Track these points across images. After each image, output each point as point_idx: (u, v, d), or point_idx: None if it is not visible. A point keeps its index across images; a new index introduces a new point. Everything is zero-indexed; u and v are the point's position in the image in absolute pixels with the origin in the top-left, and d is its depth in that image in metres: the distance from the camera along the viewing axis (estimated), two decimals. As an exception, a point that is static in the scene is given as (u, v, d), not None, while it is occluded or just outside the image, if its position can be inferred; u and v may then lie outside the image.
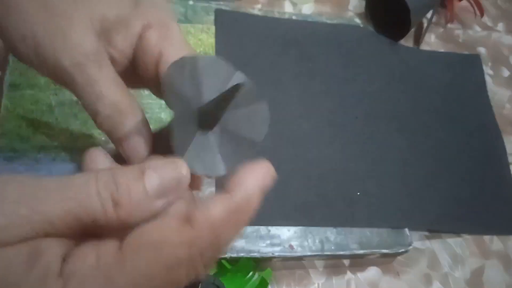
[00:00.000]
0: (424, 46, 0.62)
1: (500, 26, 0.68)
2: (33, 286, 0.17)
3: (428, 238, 0.48)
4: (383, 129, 0.50)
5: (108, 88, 0.24)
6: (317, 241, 0.42)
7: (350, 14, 0.61)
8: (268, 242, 0.40)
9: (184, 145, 0.22)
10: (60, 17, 0.23)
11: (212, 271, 0.38)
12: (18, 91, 0.40)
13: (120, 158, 0.25)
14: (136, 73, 0.26)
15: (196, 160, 0.22)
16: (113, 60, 0.25)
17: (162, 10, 0.26)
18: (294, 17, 0.55)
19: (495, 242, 0.50)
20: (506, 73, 0.63)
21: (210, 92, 0.24)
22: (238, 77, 0.25)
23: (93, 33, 0.24)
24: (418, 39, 0.62)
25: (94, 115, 0.25)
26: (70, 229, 0.19)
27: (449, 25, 0.65)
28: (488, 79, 0.61)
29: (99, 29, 0.24)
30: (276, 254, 0.40)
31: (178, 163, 0.21)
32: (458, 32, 0.65)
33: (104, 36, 0.25)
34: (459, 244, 0.48)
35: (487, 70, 0.62)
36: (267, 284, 0.37)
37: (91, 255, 0.18)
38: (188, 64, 0.23)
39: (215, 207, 0.19)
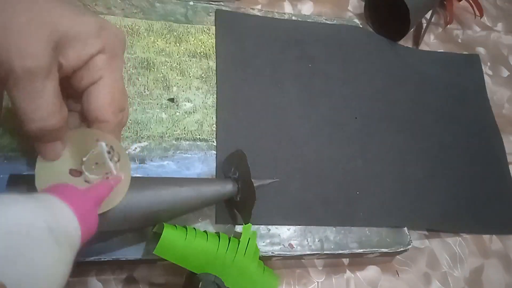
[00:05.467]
0: (423, 46, 0.62)
1: (499, 26, 0.68)
2: None
3: (427, 237, 0.48)
4: (382, 129, 0.50)
5: (48, 103, 0.26)
6: (316, 240, 0.42)
7: (350, 14, 0.62)
8: (268, 241, 0.41)
9: None
10: (21, 23, 0.25)
11: (212, 271, 0.38)
12: (19, 91, 0.40)
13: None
14: (69, 81, 0.29)
15: None
16: (60, 67, 0.27)
17: (119, 41, 0.30)
18: (294, 18, 0.55)
19: (494, 242, 0.50)
20: (505, 73, 0.64)
21: None
22: None
23: (50, 44, 0.26)
24: (417, 40, 0.62)
25: (27, 122, 0.26)
26: None
27: (448, 26, 0.65)
28: (487, 79, 0.61)
29: (57, 40, 0.26)
30: (276, 253, 0.40)
31: None
32: (457, 32, 0.65)
33: (60, 47, 0.27)
34: (458, 243, 0.49)
35: (486, 70, 0.62)
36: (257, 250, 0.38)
37: None
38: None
39: None
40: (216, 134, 0.44)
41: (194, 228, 0.36)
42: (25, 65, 0.24)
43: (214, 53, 0.48)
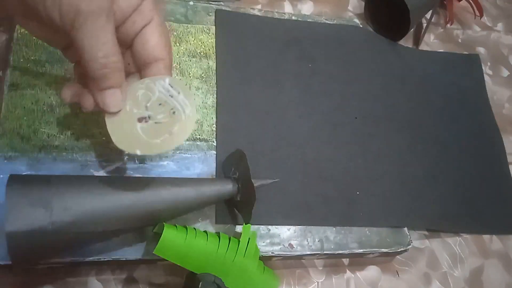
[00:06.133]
0: (423, 46, 0.62)
1: (500, 26, 0.68)
2: None
3: (427, 237, 0.48)
4: (382, 129, 0.50)
5: (110, 41, 0.29)
6: (316, 240, 0.42)
7: (350, 14, 0.62)
8: (268, 241, 0.41)
9: None
10: None
11: (212, 271, 0.38)
12: (18, 90, 0.40)
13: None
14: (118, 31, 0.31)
15: None
16: (114, 13, 0.30)
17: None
18: (294, 18, 0.55)
19: (494, 242, 0.50)
20: (505, 73, 0.64)
21: None
22: None
23: None
24: (417, 39, 0.62)
25: (92, 60, 0.28)
26: None
27: (448, 25, 0.65)
28: (487, 79, 0.61)
29: None
30: (276, 253, 0.40)
31: None
32: (458, 32, 0.65)
33: None
34: (458, 243, 0.49)
35: (487, 70, 0.62)
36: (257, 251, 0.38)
37: None
38: None
39: None
40: (216, 134, 0.44)
41: (194, 228, 0.36)
42: (90, 6, 0.27)
43: (214, 53, 0.48)
